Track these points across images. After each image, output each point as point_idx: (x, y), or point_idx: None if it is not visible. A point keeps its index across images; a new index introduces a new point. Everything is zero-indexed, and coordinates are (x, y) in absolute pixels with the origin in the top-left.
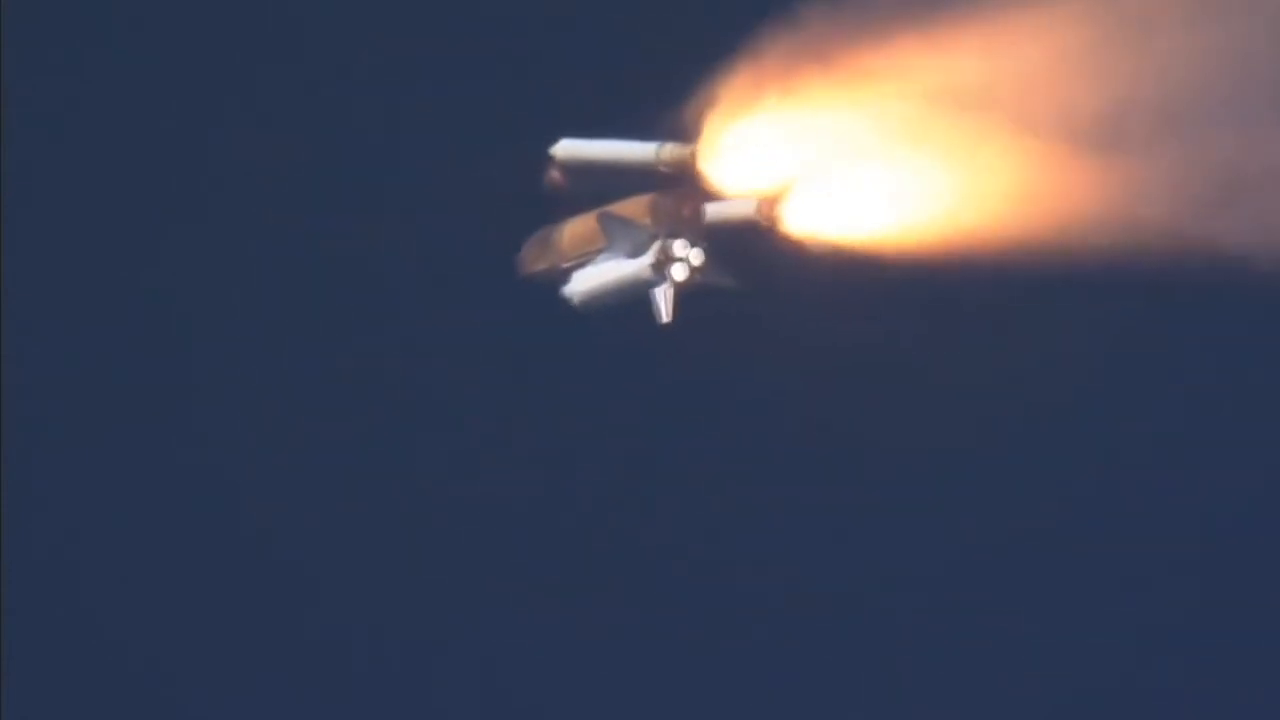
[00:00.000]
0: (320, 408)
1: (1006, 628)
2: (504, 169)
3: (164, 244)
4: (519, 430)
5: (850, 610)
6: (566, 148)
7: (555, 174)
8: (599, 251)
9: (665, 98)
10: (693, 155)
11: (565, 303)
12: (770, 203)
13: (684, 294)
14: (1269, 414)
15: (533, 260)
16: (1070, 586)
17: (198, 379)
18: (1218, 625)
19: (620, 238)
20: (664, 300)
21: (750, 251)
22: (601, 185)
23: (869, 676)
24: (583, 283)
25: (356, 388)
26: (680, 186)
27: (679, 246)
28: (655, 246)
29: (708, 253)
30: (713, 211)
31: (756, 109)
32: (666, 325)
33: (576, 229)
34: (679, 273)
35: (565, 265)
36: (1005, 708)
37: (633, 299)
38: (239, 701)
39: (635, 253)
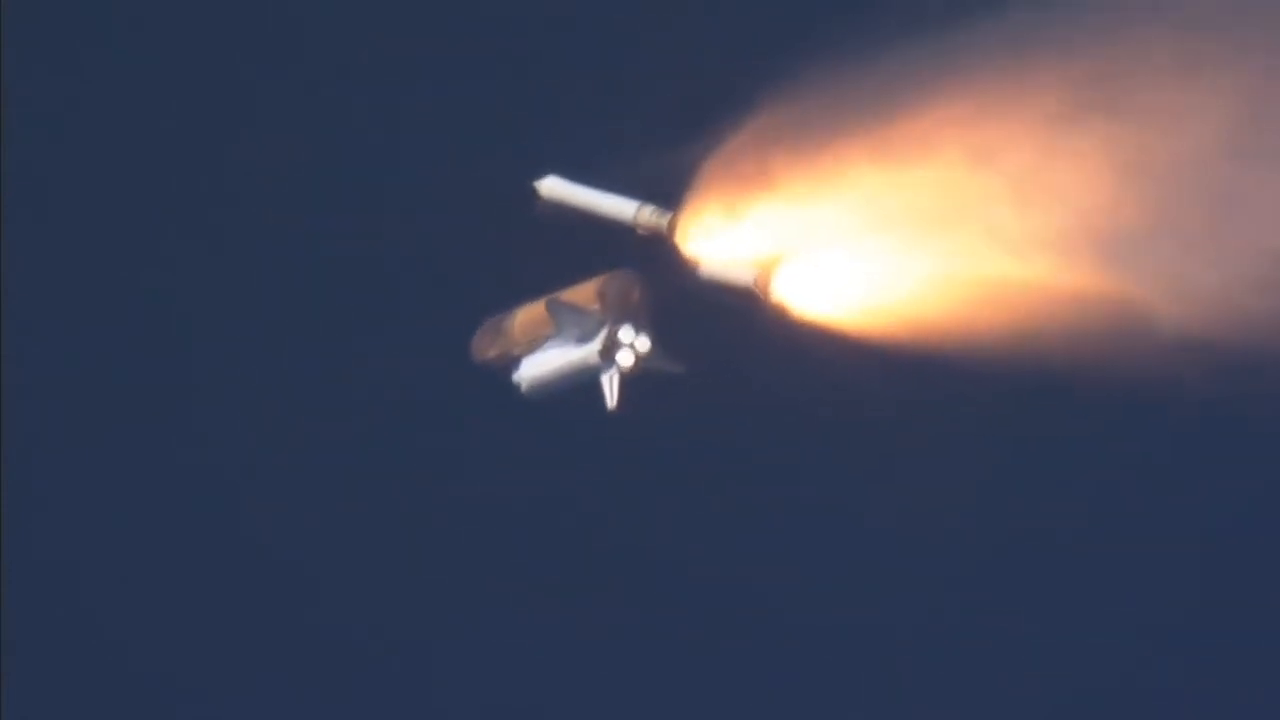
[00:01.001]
0: (320, 408)
1: (1005, 630)
2: (505, 173)
3: (164, 244)
4: (519, 431)
5: (848, 614)
6: (551, 186)
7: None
8: (549, 338)
9: (657, 156)
10: (670, 225)
11: (515, 389)
12: (766, 274)
13: (631, 379)
14: None
15: (485, 347)
16: (1070, 589)
17: (198, 379)
18: (1215, 626)
19: (568, 324)
20: (611, 385)
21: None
22: (586, 223)
23: (868, 677)
24: (531, 369)
25: (357, 388)
26: (628, 270)
27: (625, 333)
28: (602, 333)
29: (653, 339)
30: (710, 272)
31: (745, 185)
32: (614, 410)
33: (527, 315)
34: (625, 358)
35: (517, 351)
36: (1004, 707)
37: (580, 385)
38: (238, 701)
39: (583, 339)
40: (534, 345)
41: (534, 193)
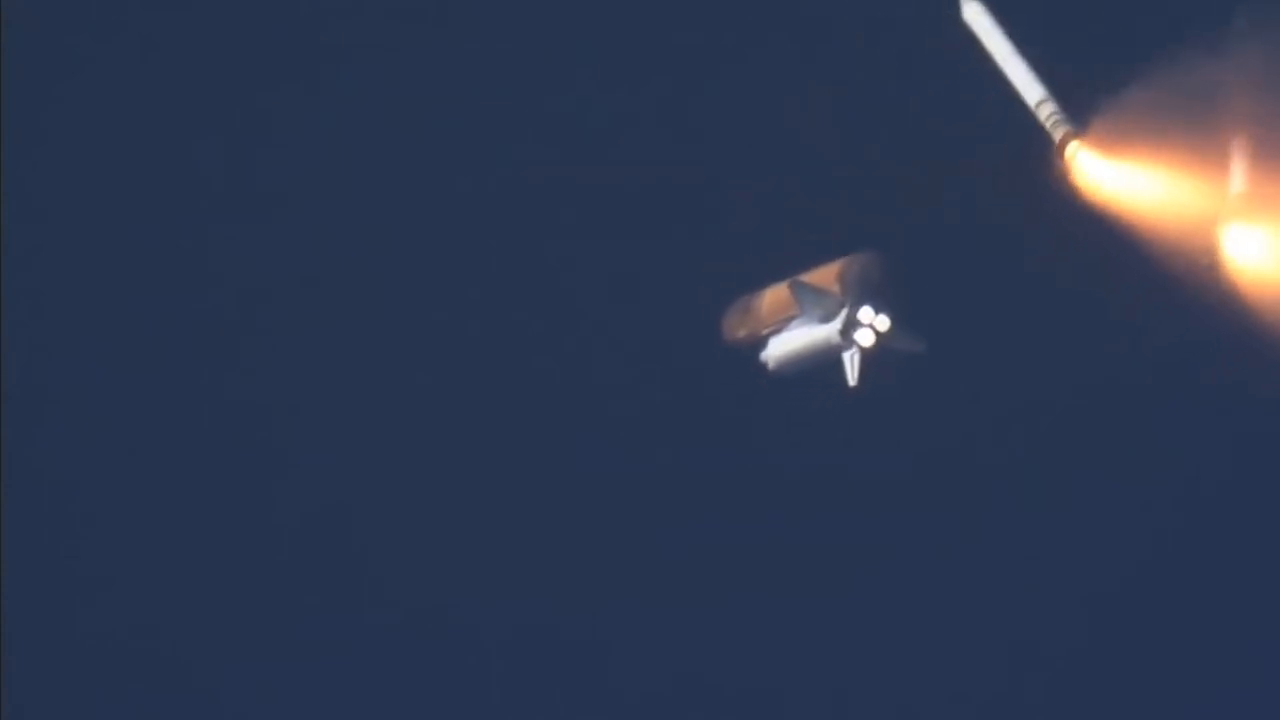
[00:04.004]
0: (323, 410)
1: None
2: None
3: (167, 245)
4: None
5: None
6: (974, 11)
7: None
8: (794, 318)
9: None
10: (1061, 141)
11: (763, 366)
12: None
13: (872, 357)
14: None
15: (735, 326)
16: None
17: (202, 381)
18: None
19: (811, 305)
20: (852, 363)
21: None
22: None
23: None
24: (778, 347)
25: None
26: (869, 253)
27: (865, 313)
28: (843, 313)
29: (894, 319)
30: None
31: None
32: (855, 387)
33: (774, 297)
34: (865, 337)
35: (765, 331)
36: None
37: (824, 363)
38: (239, 702)
39: (825, 319)
40: (780, 325)
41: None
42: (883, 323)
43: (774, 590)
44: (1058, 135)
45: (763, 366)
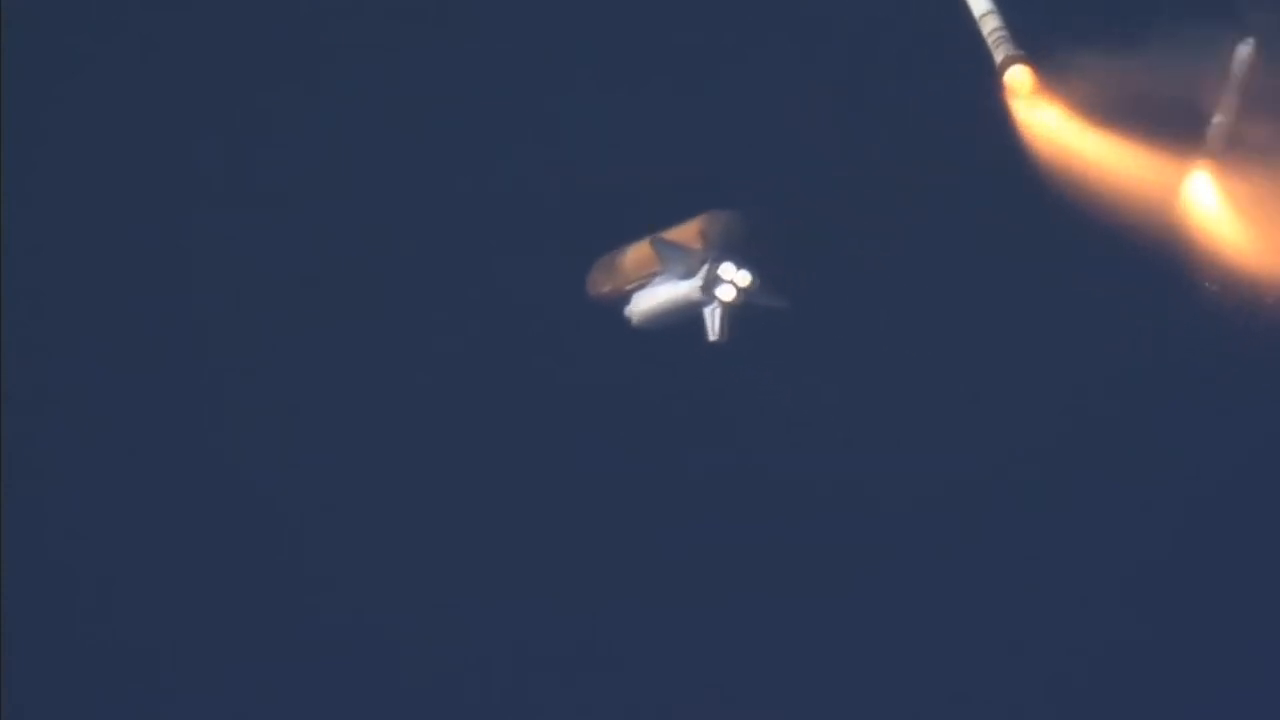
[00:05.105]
0: (323, 410)
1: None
2: None
3: (167, 244)
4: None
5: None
6: None
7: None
8: (657, 274)
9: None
10: (1003, 63)
11: (627, 321)
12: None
13: (734, 311)
14: None
15: (600, 282)
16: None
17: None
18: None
19: (673, 261)
20: (714, 319)
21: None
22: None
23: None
24: (641, 303)
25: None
26: (730, 210)
27: (726, 269)
28: (704, 269)
29: (755, 274)
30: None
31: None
32: (717, 341)
33: (637, 253)
34: (727, 293)
35: (628, 287)
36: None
37: (686, 318)
38: (239, 702)
39: (687, 275)
40: (643, 281)
41: None
42: (744, 278)
43: (774, 590)
44: (999, 55)
45: (626, 321)
